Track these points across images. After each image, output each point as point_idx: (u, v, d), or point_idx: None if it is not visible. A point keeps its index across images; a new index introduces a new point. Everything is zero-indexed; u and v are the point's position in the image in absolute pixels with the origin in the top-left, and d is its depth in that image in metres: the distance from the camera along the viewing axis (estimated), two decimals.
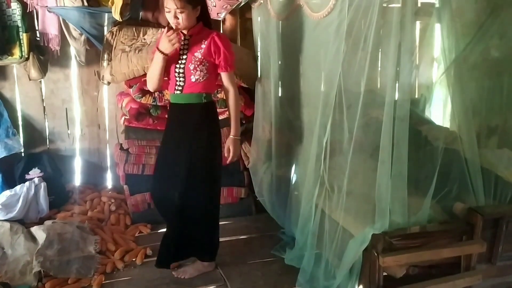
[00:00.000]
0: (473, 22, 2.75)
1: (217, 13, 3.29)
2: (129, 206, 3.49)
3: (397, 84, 2.20)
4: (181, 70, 2.55)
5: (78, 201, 3.60)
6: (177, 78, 2.57)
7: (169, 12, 2.43)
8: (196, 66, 2.51)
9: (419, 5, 2.85)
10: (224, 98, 3.46)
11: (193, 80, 2.53)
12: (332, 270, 2.48)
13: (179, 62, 2.55)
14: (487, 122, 2.85)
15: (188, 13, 2.43)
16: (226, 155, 2.70)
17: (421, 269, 2.21)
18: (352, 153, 2.31)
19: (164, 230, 2.83)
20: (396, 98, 2.16)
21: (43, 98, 3.77)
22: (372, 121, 2.28)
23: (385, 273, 2.20)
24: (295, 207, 2.96)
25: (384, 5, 2.17)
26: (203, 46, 2.52)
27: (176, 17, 2.43)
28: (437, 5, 2.54)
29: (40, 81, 3.68)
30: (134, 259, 2.94)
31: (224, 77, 2.61)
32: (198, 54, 2.51)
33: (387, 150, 2.13)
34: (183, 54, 2.55)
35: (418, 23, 3.03)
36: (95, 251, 2.90)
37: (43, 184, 3.30)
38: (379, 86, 2.59)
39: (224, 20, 3.69)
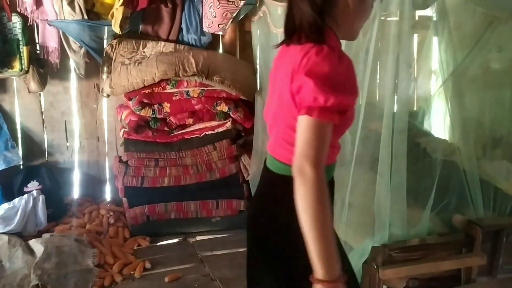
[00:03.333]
0: (471, 35, 2.77)
1: (219, 25, 3.29)
2: (128, 218, 3.47)
3: (395, 97, 2.21)
4: None
5: (76, 214, 3.57)
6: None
7: None
8: None
9: (416, 18, 2.88)
10: (224, 110, 3.51)
11: None
12: None
13: None
14: (492, 134, 2.86)
15: None
16: None
17: (421, 282, 2.20)
18: (351, 166, 2.32)
19: (164, 242, 2.79)
20: (395, 111, 2.18)
21: (42, 110, 3.76)
22: (371, 133, 2.29)
23: (385, 286, 2.20)
24: None
25: (382, 18, 2.19)
26: None
27: None
28: (434, 19, 2.56)
29: (40, 94, 3.68)
30: (132, 272, 2.92)
31: None
32: None
33: (386, 162, 2.13)
34: None
35: (416, 36, 3.06)
36: (93, 264, 2.88)
37: (41, 197, 3.29)
38: (378, 98, 2.60)
39: None
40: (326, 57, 1.23)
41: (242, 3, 3.13)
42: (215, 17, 3.21)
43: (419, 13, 2.86)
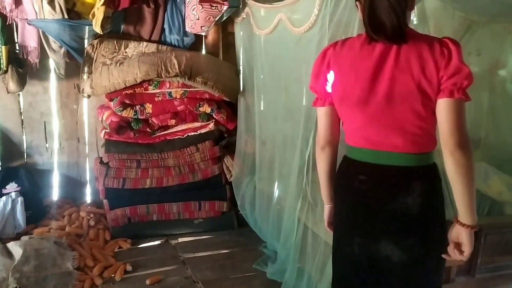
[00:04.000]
0: None
1: (201, 27, 3.29)
2: (108, 220, 3.44)
3: None
4: None
5: (56, 216, 3.53)
6: None
7: None
8: None
9: None
10: (206, 111, 3.50)
11: None
12: (314, 284, 2.47)
13: None
14: (471, 136, 2.91)
15: None
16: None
17: None
18: None
19: (146, 244, 2.78)
20: None
21: (21, 111, 3.70)
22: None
23: None
24: (277, 221, 2.96)
25: None
26: None
27: None
28: (415, 22, 2.60)
29: (19, 94, 3.63)
30: (113, 275, 2.88)
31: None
32: None
33: None
34: None
35: None
36: (72, 267, 2.84)
37: (20, 199, 3.24)
38: None
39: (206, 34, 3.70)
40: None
41: (225, 7, 3.13)
42: (198, 19, 3.20)
43: None
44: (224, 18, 3.44)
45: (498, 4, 2.54)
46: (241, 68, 3.60)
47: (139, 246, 3.30)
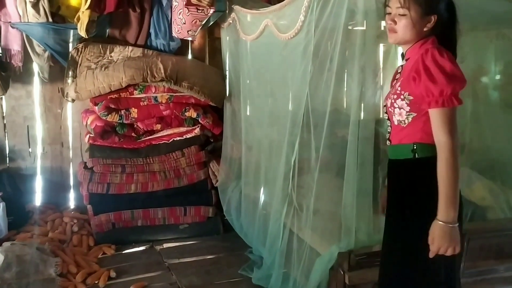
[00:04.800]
0: None
1: (188, 31, 3.28)
2: (92, 226, 3.40)
3: (362, 104, 2.25)
4: (385, 109, 1.83)
5: (38, 221, 3.47)
6: (387, 122, 1.84)
7: (389, 14, 1.72)
8: (393, 100, 1.72)
9: (382, 28, 2.94)
10: (192, 116, 3.49)
11: (396, 123, 1.74)
12: None
13: (387, 97, 1.82)
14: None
15: (412, 20, 1.65)
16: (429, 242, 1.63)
17: None
18: (318, 172, 2.34)
19: (130, 250, 2.75)
20: (362, 118, 2.22)
21: (4, 115, 3.65)
22: (338, 140, 2.32)
23: None
24: (263, 226, 2.95)
25: (350, 27, 2.24)
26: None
27: (393, 21, 1.70)
28: None
29: (1, 98, 3.58)
30: (96, 282, 2.85)
31: (431, 116, 1.63)
32: (399, 83, 1.73)
33: (352, 169, 2.17)
34: (392, 86, 1.81)
35: (381, 45, 3.13)
36: (55, 273, 2.80)
37: (1, 204, 3.18)
38: (345, 106, 2.64)
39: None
40: None
41: (211, 11, 3.14)
42: (184, 23, 3.20)
43: (384, 23, 2.93)
44: (211, 23, 3.45)
45: (480, 13, 2.58)
46: (227, 73, 3.60)
47: (124, 252, 3.27)
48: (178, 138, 3.52)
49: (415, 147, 1.68)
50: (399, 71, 1.82)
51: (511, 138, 2.97)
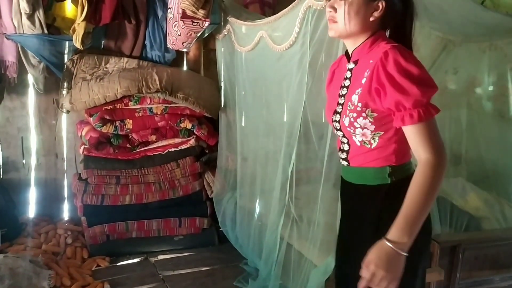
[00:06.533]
0: (427, 57, 2.89)
1: (183, 43, 3.30)
2: (86, 238, 3.37)
3: None
4: (338, 126, 1.52)
5: (32, 234, 3.44)
6: (341, 139, 1.55)
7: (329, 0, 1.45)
8: (352, 119, 1.43)
9: None
10: (187, 127, 3.49)
11: (359, 144, 1.47)
12: None
13: (336, 109, 1.52)
14: (453, 152, 2.96)
15: (354, 6, 1.39)
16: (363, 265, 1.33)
17: None
18: (315, 183, 2.34)
19: (125, 262, 2.73)
20: None
21: None
22: (335, 151, 2.32)
23: None
24: (258, 237, 2.94)
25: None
26: (364, 79, 1.41)
27: (333, 7, 1.42)
28: None
29: None
30: None
31: (407, 134, 1.36)
32: (355, 97, 1.42)
33: None
34: (340, 95, 1.51)
35: None
36: (49, 286, 2.77)
37: None
38: None
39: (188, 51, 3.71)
40: None
41: (206, 23, 3.15)
42: (180, 35, 3.22)
43: None
44: (206, 35, 3.46)
45: (473, 25, 2.62)
46: (222, 84, 3.61)
47: (118, 264, 3.24)
48: (173, 149, 3.51)
49: (391, 170, 1.43)
50: (347, 76, 1.49)
51: (505, 149, 3.00)
